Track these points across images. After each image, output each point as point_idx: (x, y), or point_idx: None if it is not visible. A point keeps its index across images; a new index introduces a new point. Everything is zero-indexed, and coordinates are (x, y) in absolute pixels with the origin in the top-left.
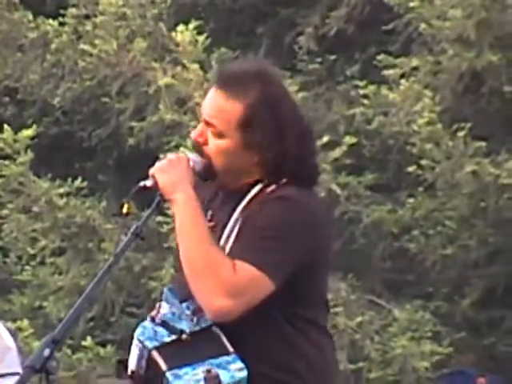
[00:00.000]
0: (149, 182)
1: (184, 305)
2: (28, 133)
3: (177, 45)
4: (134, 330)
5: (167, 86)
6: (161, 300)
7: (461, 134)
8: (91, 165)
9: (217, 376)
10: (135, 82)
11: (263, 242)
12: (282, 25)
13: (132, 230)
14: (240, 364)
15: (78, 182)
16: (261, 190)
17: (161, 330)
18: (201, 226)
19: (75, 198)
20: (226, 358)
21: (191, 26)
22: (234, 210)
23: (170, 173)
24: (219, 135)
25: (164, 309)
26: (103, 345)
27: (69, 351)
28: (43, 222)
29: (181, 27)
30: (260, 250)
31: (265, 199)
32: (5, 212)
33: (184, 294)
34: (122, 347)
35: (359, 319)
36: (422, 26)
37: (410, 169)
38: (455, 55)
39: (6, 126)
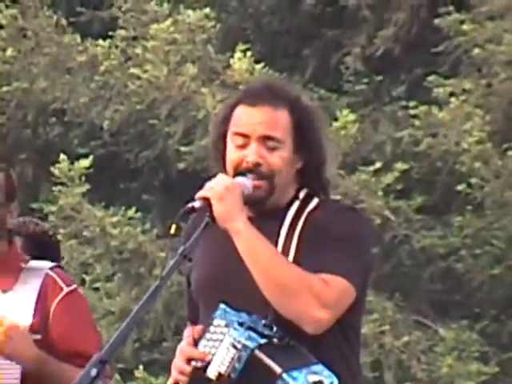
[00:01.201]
0: (197, 204)
1: (254, 316)
2: (85, 163)
3: (232, 71)
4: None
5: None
6: (212, 319)
7: (510, 153)
8: (136, 185)
9: (321, 381)
10: (184, 105)
11: (346, 252)
12: (327, 46)
13: (180, 251)
14: (329, 372)
15: (131, 212)
16: (305, 205)
17: (252, 333)
18: (274, 248)
19: (128, 226)
20: (316, 366)
21: (248, 53)
22: (280, 226)
23: (227, 200)
24: (279, 146)
25: (220, 324)
26: (156, 374)
27: (119, 379)
28: (96, 248)
29: (238, 54)
30: (344, 261)
31: (331, 210)
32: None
33: (241, 309)
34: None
35: (406, 339)
36: (476, 50)
37: (460, 187)
38: (507, 78)
39: (62, 155)
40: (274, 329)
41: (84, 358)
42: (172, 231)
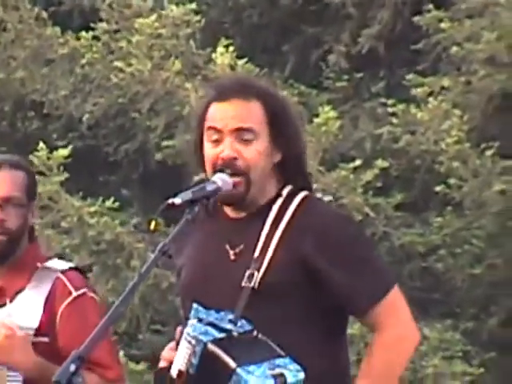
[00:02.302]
0: (177, 200)
1: (222, 313)
2: (64, 152)
3: (214, 66)
4: (161, 347)
5: None
6: (186, 318)
7: (489, 152)
8: (115, 179)
9: (282, 374)
10: (167, 100)
11: (372, 268)
12: (308, 42)
13: (159, 247)
14: (297, 366)
15: (109, 203)
16: (289, 201)
17: (210, 328)
18: None
19: (106, 216)
20: (282, 359)
21: (230, 48)
22: (262, 226)
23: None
24: (254, 139)
25: (193, 323)
26: (136, 361)
27: None
28: (73, 238)
29: (220, 49)
30: (379, 275)
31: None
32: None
33: (216, 307)
34: (148, 363)
35: None
36: (454, 48)
37: (438, 188)
38: (486, 76)
39: (41, 144)
40: (239, 323)
41: (92, 363)
42: (152, 227)
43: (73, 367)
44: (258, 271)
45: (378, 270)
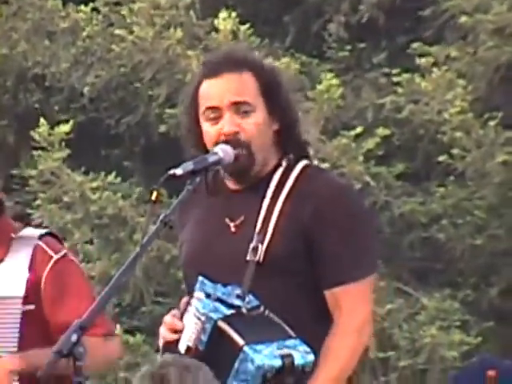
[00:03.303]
0: (179, 171)
1: (229, 287)
2: (65, 128)
3: (216, 33)
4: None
5: None
6: (191, 291)
7: (492, 123)
8: (117, 152)
9: (290, 355)
10: (169, 68)
11: (358, 246)
12: (309, 12)
13: (160, 218)
14: (306, 348)
15: (111, 177)
16: (289, 171)
17: (219, 304)
18: None
19: (108, 191)
20: (292, 340)
21: (233, 14)
22: (263, 197)
23: None
24: (252, 110)
25: (199, 296)
26: (132, 333)
27: None
28: (76, 213)
29: (223, 14)
30: (362, 256)
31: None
32: (37, 203)
33: (222, 281)
34: (149, 336)
35: (389, 307)
36: (463, 17)
37: (441, 158)
38: (494, 46)
39: (42, 119)
40: (247, 299)
41: (95, 327)
42: (153, 198)
43: (74, 337)
44: (262, 244)
45: (361, 254)
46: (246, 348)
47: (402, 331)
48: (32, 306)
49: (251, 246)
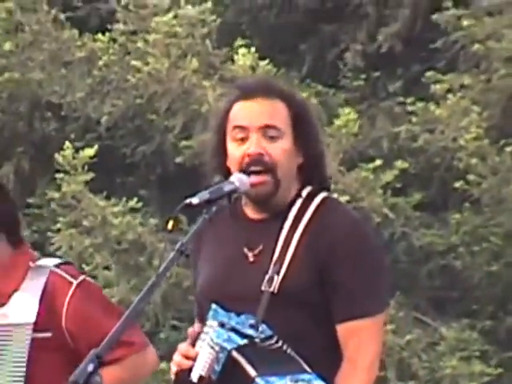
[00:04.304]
0: (195, 200)
1: (243, 316)
2: (90, 152)
3: (234, 66)
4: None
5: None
6: (202, 319)
7: (508, 149)
8: (133, 180)
9: None
10: (184, 99)
11: (370, 282)
12: (325, 41)
13: (177, 246)
14: (322, 383)
15: (132, 203)
16: (308, 202)
17: (232, 334)
18: None
19: (128, 216)
20: (307, 375)
21: (252, 49)
22: (281, 228)
23: None
24: (279, 136)
25: (213, 325)
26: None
27: None
28: (96, 238)
29: (242, 50)
30: (372, 294)
31: (340, 224)
32: (57, 226)
33: (236, 310)
34: (167, 361)
35: (408, 337)
36: (476, 45)
37: (457, 184)
38: (507, 75)
39: (67, 143)
40: (260, 329)
41: (123, 346)
42: (169, 227)
43: (91, 367)
44: (278, 275)
45: (373, 291)
46: (258, 379)
47: (422, 361)
48: (47, 334)
49: (267, 276)
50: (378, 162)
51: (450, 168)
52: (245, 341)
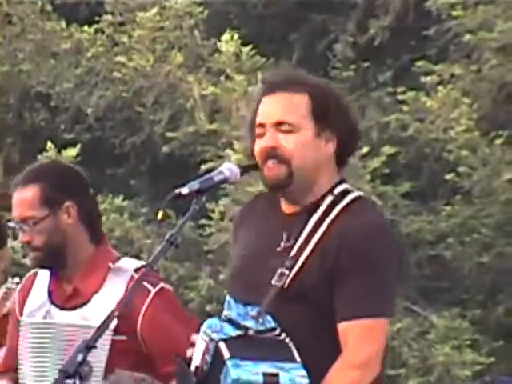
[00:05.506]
0: (184, 190)
1: (248, 307)
2: (72, 152)
3: (219, 55)
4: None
5: (207, 95)
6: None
7: (498, 141)
8: (123, 171)
9: (275, 374)
10: (170, 93)
11: (378, 287)
12: (315, 31)
13: (167, 237)
14: (304, 372)
15: (118, 200)
16: (337, 201)
17: (226, 325)
18: None
19: (115, 213)
20: (290, 364)
21: (235, 36)
22: (306, 223)
23: None
24: (293, 130)
25: (226, 316)
26: None
27: None
28: None
29: (226, 36)
30: (377, 296)
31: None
32: None
33: (246, 301)
34: None
35: (398, 326)
36: (467, 35)
37: (448, 176)
38: (498, 65)
39: (49, 143)
40: (261, 320)
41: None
42: (159, 217)
43: (80, 357)
44: (290, 271)
45: (377, 294)
46: (228, 361)
47: (412, 350)
48: (123, 337)
49: (279, 270)
50: (366, 150)
51: (440, 159)
52: (238, 332)
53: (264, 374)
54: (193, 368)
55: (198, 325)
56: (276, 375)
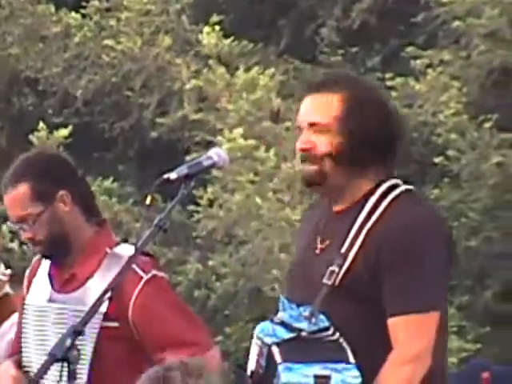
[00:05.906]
0: (173, 175)
1: (301, 308)
2: (64, 132)
3: (202, 44)
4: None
5: (193, 86)
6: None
7: (487, 125)
8: (111, 155)
9: (327, 377)
10: (158, 76)
11: (425, 282)
12: (302, 16)
13: (155, 222)
14: (356, 372)
15: (108, 183)
16: (381, 199)
17: (279, 328)
18: None
19: (104, 195)
20: (343, 364)
21: (217, 27)
22: (353, 223)
23: None
24: (323, 131)
25: (279, 317)
26: None
27: None
28: None
29: (207, 28)
30: (423, 291)
31: (397, 222)
32: None
33: (300, 301)
34: None
35: None
36: (456, 22)
37: (437, 160)
38: (487, 50)
39: (41, 123)
40: (314, 320)
41: (187, 346)
42: (147, 202)
43: (69, 341)
44: (340, 268)
45: (424, 288)
46: (279, 366)
47: None
48: (115, 324)
49: (329, 269)
50: None
51: (429, 143)
52: (291, 334)
53: (315, 377)
54: (248, 373)
55: (197, 317)
56: (328, 377)
